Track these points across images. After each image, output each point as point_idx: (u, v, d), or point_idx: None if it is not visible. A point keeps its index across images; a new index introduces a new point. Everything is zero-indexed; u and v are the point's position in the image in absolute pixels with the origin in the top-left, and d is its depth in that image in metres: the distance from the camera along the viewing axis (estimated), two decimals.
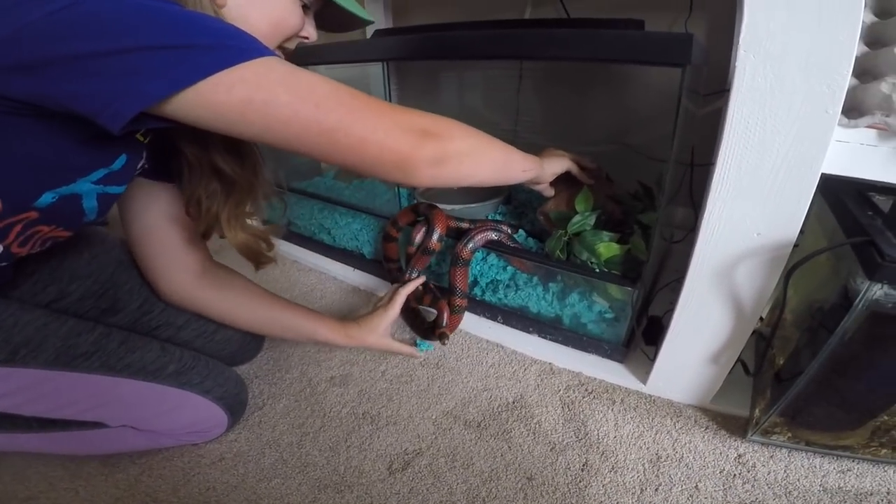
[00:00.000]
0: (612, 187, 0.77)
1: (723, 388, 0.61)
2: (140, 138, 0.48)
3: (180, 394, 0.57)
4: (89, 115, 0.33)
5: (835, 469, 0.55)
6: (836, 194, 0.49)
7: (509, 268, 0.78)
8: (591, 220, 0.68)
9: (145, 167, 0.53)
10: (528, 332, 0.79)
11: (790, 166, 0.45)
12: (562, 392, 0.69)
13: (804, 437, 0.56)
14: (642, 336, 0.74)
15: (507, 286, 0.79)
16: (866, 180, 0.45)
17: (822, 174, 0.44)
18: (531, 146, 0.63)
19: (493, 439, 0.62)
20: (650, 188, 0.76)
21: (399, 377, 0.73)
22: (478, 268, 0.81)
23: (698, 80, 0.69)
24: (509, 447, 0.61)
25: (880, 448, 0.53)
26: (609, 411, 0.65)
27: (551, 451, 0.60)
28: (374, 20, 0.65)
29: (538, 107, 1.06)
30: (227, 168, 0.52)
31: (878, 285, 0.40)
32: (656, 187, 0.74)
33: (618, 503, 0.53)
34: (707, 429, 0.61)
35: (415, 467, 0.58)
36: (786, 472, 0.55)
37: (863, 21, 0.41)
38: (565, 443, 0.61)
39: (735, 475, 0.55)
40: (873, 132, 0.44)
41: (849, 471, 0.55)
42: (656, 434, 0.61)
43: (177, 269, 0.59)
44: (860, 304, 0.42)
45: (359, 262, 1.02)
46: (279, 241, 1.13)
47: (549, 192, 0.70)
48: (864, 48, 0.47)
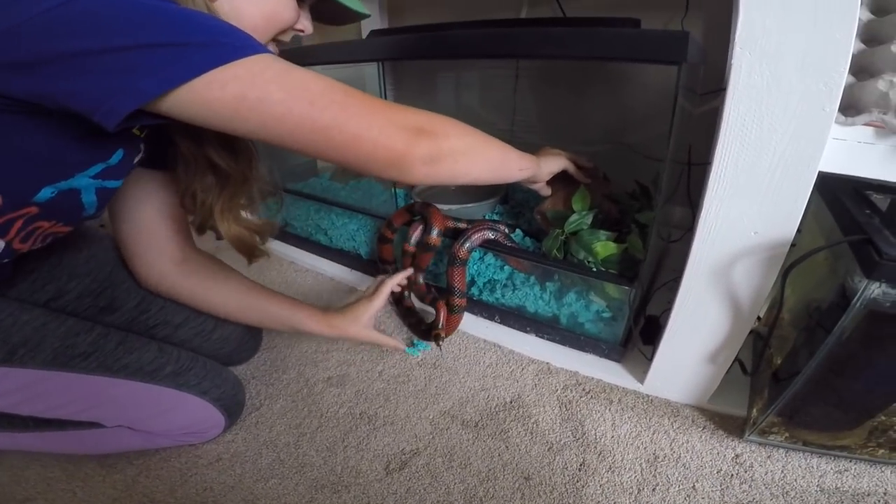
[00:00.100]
0: (608, 186, 0.76)
1: (720, 388, 0.61)
2: (136, 132, 0.48)
3: (177, 395, 0.57)
4: (85, 113, 0.33)
5: (832, 469, 0.55)
6: (834, 192, 0.49)
7: (506, 267, 0.78)
8: (588, 219, 0.68)
9: (142, 159, 0.53)
10: (526, 331, 0.79)
11: (787, 164, 0.44)
12: (559, 392, 0.69)
13: (802, 437, 0.56)
14: (640, 335, 0.73)
15: (505, 286, 0.79)
16: (864, 178, 0.45)
17: (820, 172, 0.44)
18: (528, 145, 0.62)
19: (491, 439, 0.62)
20: (647, 187, 0.76)
21: (396, 377, 0.73)
22: (475, 267, 0.81)
23: (695, 79, 0.69)
24: (506, 447, 0.60)
25: (878, 448, 0.53)
26: (606, 411, 0.65)
27: (548, 450, 0.60)
28: (370, 14, 0.65)
29: (534, 106, 1.06)
30: (221, 162, 0.52)
31: (876, 284, 0.40)
32: (653, 186, 0.74)
33: (615, 503, 0.53)
34: (704, 429, 0.61)
35: (412, 467, 0.58)
36: (783, 472, 0.55)
37: (859, 18, 0.41)
38: (562, 442, 0.61)
39: (732, 475, 0.55)
40: (870, 130, 0.44)
41: (846, 471, 0.54)
42: (654, 434, 0.61)
43: (156, 255, 0.59)
44: (858, 303, 0.42)
45: (356, 262, 1.02)
46: (276, 241, 1.14)
47: (546, 191, 0.70)
48: (861, 46, 0.47)
